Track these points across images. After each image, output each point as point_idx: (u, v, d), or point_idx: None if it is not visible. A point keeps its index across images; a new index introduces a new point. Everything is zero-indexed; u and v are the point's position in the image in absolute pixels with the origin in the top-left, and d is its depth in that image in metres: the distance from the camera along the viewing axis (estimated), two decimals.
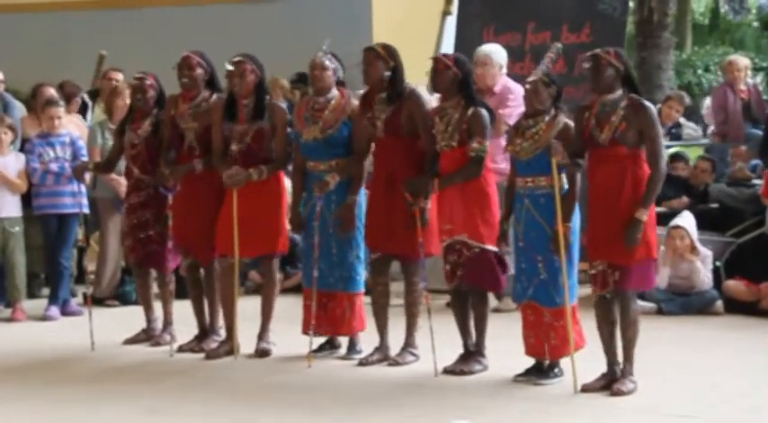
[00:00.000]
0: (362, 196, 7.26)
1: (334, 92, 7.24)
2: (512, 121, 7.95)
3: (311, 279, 7.20)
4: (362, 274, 7.35)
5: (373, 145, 7.16)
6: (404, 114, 6.96)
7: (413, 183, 6.81)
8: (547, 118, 6.53)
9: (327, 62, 7.19)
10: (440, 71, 6.83)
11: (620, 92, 6.30)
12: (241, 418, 6.07)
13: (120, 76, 9.97)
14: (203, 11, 12.18)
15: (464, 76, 6.86)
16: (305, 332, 7.29)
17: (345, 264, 7.24)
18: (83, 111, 10.62)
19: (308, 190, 7.28)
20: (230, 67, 7.24)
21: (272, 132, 7.33)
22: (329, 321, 7.32)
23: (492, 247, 6.75)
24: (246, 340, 7.44)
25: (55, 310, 9.01)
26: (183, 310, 7.87)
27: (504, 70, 8.75)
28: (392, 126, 6.97)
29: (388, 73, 6.96)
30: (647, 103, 6.33)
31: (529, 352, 6.70)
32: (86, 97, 10.76)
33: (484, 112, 6.80)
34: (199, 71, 7.50)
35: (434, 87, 6.93)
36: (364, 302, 7.37)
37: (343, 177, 7.10)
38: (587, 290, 6.69)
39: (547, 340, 6.57)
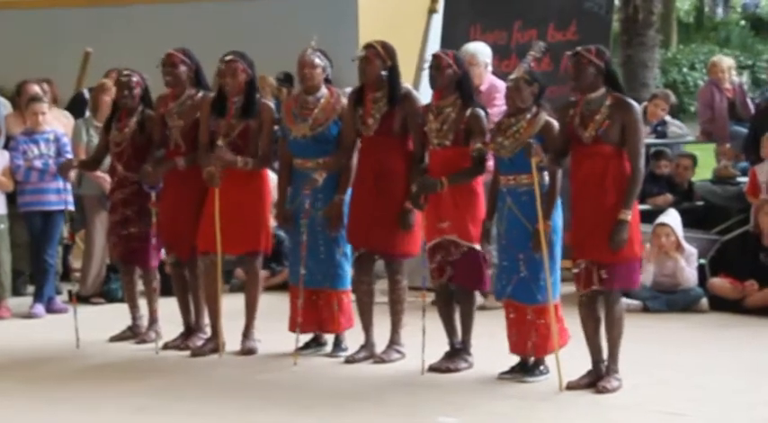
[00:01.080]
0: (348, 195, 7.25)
1: (324, 90, 7.22)
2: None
3: (298, 276, 7.19)
4: (349, 271, 7.35)
5: (359, 141, 7.17)
6: (399, 115, 6.95)
7: (424, 182, 6.77)
8: (528, 116, 6.53)
9: (317, 60, 7.16)
10: (441, 68, 6.81)
11: (602, 90, 6.31)
12: (226, 415, 6.07)
13: None
14: (192, 8, 12.15)
15: (463, 74, 6.86)
16: (292, 330, 7.28)
17: (332, 261, 7.24)
18: (81, 106, 10.58)
19: (295, 187, 7.28)
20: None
21: (259, 130, 7.32)
22: (317, 319, 7.32)
23: (479, 246, 6.77)
24: (232, 338, 7.43)
25: (40, 308, 8.99)
26: (168, 308, 7.86)
27: (490, 68, 8.76)
28: (386, 126, 6.96)
29: (384, 72, 6.94)
30: (632, 101, 6.35)
31: (512, 350, 6.72)
32: (86, 93, 10.72)
33: (482, 112, 6.80)
34: (182, 68, 7.48)
35: (433, 84, 6.90)
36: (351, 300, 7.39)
37: (330, 172, 7.09)
38: (570, 287, 6.71)
39: (528, 338, 6.58)
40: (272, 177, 7.68)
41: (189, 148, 7.45)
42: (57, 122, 9.57)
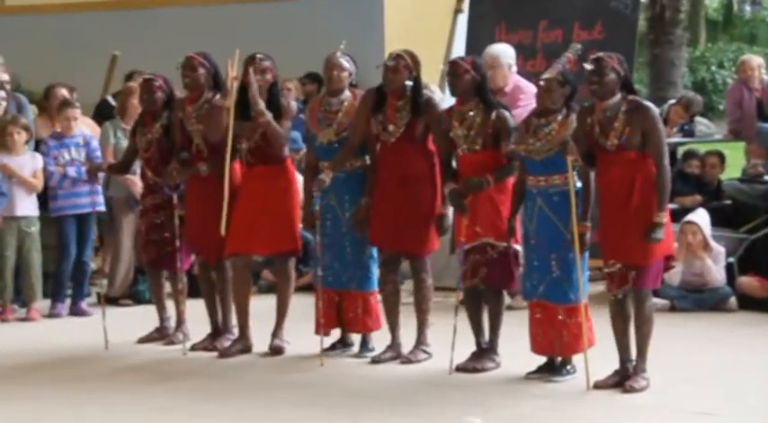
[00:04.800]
0: None
1: (347, 93, 7.26)
2: None
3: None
4: (375, 272, 7.37)
5: (379, 146, 7.16)
6: (422, 122, 6.99)
7: (469, 182, 6.76)
8: (560, 117, 6.53)
9: (345, 63, 7.21)
10: (459, 76, 6.84)
11: (618, 96, 6.31)
12: (254, 416, 6.09)
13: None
14: (215, 11, 12.19)
15: (481, 78, 6.88)
16: (317, 333, 7.31)
17: (359, 263, 7.25)
18: (107, 112, 10.62)
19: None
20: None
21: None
22: (343, 320, 7.34)
23: (515, 245, 6.79)
24: (259, 339, 7.45)
25: (84, 305, 9.03)
26: (195, 309, 7.89)
27: (514, 69, 8.74)
28: (409, 133, 7.00)
29: (410, 83, 6.98)
30: (648, 103, 6.36)
31: (535, 350, 6.71)
32: (111, 99, 10.76)
33: (507, 113, 6.84)
34: (201, 71, 7.51)
35: (453, 91, 6.94)
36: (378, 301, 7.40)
37: (336, 171, 7.10)
38: (599, 287, 6.70)
39: (559, 337, 6.57)
40: (298, 179, 7.71)
41: (211, 153, 7.48)
42: (84, 126, 9.60)
